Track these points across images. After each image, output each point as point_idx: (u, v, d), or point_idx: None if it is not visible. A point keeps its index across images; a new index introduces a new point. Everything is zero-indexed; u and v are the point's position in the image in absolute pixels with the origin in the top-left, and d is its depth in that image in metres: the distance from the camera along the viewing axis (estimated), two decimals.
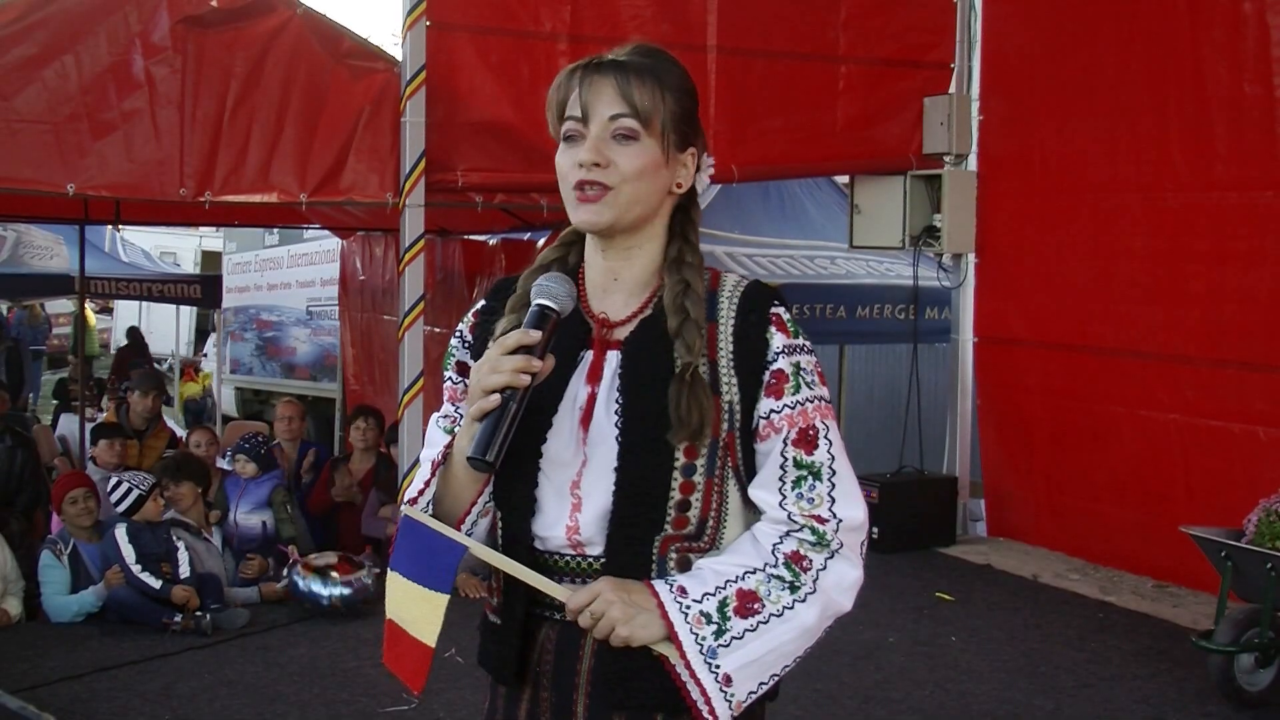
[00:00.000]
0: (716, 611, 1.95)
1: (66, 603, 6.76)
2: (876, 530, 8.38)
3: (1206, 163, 7.40)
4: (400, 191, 7.29)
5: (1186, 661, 6.01)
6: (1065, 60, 8.25)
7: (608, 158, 2.02)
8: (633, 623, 1.94)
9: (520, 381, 1.93)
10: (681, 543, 2.03)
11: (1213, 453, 7.35)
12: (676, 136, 2.07)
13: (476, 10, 7.58)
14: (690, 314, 2.02)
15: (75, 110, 6.81)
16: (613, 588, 1.95)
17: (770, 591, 1.97)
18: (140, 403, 9.55)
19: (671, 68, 2.09)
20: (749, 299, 2.08)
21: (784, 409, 2.02)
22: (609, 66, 2.04)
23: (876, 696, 5.72)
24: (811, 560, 1.99)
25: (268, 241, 16.32)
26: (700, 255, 2.12)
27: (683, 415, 1.97)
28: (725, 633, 1.95)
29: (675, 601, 1.95)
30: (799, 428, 2.02)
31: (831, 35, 8.57)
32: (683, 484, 2.00)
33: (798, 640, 2.00)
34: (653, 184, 2.05)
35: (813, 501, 2.01)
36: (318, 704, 5.57)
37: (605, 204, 2.03)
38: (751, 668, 1.97)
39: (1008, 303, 8.81)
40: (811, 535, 2.00)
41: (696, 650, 1.94)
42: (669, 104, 2.05)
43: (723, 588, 1.97)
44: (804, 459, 2.02)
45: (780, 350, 2.04)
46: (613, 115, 2.02)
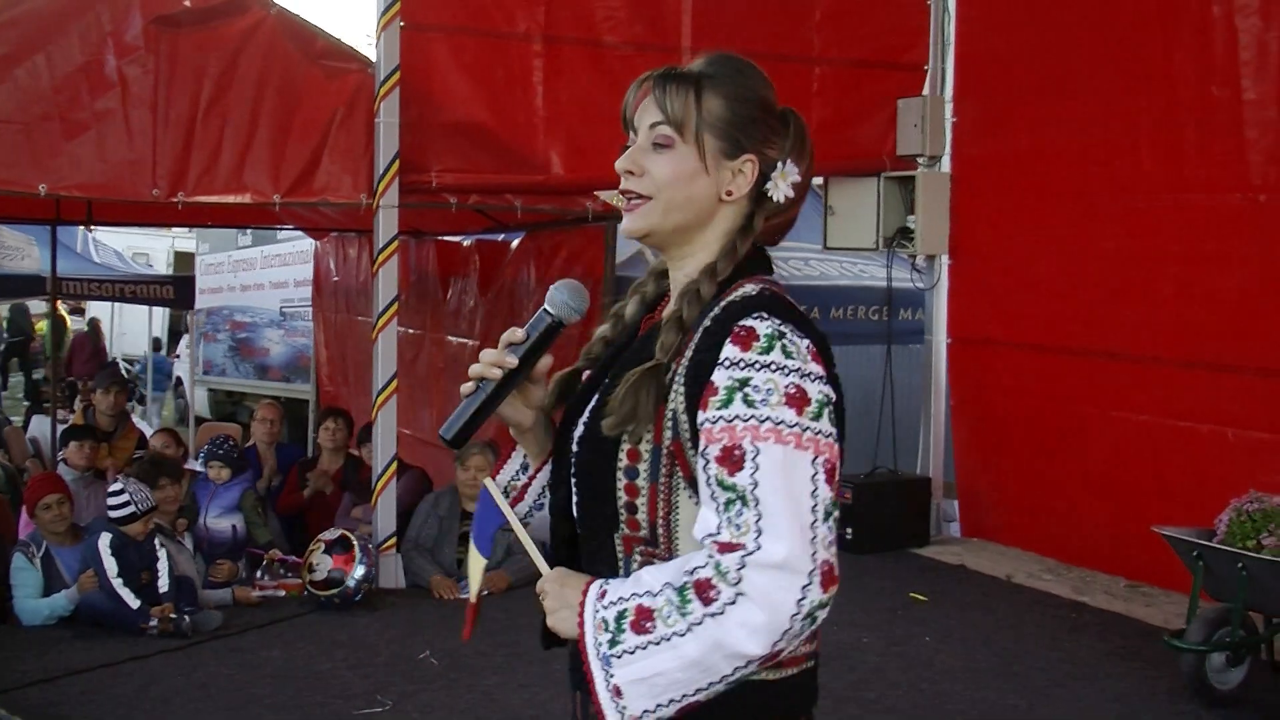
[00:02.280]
0: (614, 621, 1.91)
1: (38, 606, 6.71)
2: (850, 530, 8.41)
3: (1176, 165, 7.45)
4: (374, 192, 7.28)
5: (1158, 660, 6.03)
6: (1038, 63, 8.28)
7: (642, 166, 2.05)
8: (556, 614, 2.00)
9: (492, 374, 2.04)
10: (642, 546, 2.01)
11: (1183, 453, 7.39)
12: (722, 143, 2.05)
13: (450, 11, 7.58)
14: (682, 314, 2.01)
15: (47, 110, 6.78)
16: (555, 578, 2.03)
17: (668, 614, 1.86)
18: (104, 400, 9.48)
19: (729, 75, 2.08)
20: (728, 310, 1.98)
21: (705, 423, 1.90)
22: (659, 77, 2.07)
23: (851, 697, 5.73)
24: (719, 592, 1.83)
25: (241, 242, 16.26)
26: (733, 262, 2.06)
27: (615, 404, 1.96)
28: (618, 644, 1.89)
29: (593, 603, 1.94)
30: (722, 445, 1.87)
31: (806, 36, 8.59)
32: (626, 485, 1.99)
33: (685, 672, 1.86)
34: (689, 191, 2.05)
35: (739, 529, 1.84)
36: (292, 706, 5.55)
37: (641, 213, 2.06)
38: (641, 686, 1.88)
39: (981, 304, 8.84)
40: (715, 566, 1.84)
41: (594, 654, 1.91)
42: (711, 109, 2.04)
43: (627, 599, 1.91)
44: (726, 479, 1.86)
45: (723, 362, 1.91)
46: (652, 124, 2.05)
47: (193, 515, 7.61)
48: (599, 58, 7.88)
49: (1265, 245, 6.99)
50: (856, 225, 8.93)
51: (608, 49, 7.91)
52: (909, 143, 8.80)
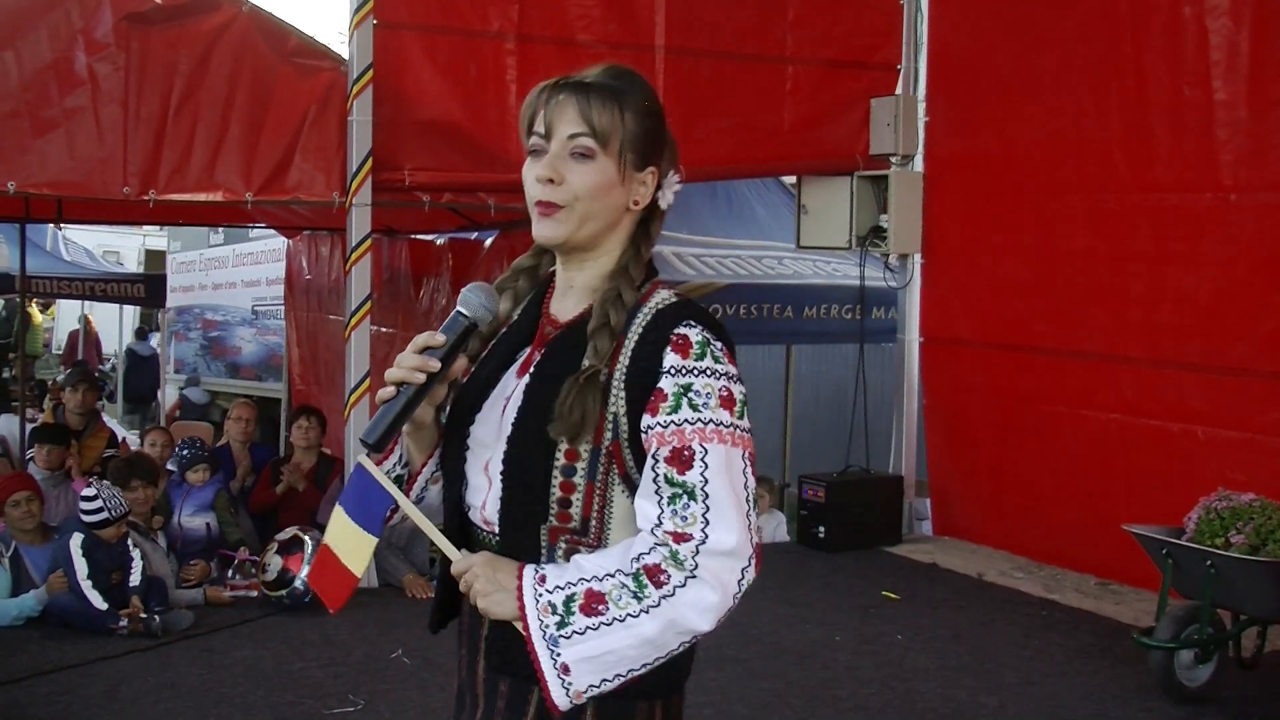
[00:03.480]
0: (562, 604, 2.03)
1: (6, 606, 6.65)
2: (823, 529, 8.43)
3: (1147, 165, 7.49)
4: (347, 190, 7.26)
5: (1128, 658, 6.07)
6: (1010, 62, 8.32)
7: (562, 175, 2.11)
8: (489, 598, 2.07)
9: (415, 379, 2.10)
10: (569, 535, 2.12)
11: (1152, 452, 7.44)
12: (635, 156, 2.16)
13: (424, 9, 7.56)
14: (609, 320, 2.11)
15: (15, 107, 6.74)
16: (484, 562, 2.10)
17: (620, 597, 2.02)
18: (72, 398, 9.43)
19: (636, 90, 2.17)
20: (658, 318, 2.13)
21: (656, 426, 2.06)
22: (574, 87, 2.13)
23: (823, 695, 5.75)
24: (669, 576, 2.01)
25: (212, 241, 16.20)
26: (643, 268, 2.20)
27: (563, 411, 2.06)
28: (567, 625, 2.03)
29: (533, 587, 2.05)
30: (672, 446, 2.04)
31: (779, 36, 8.60)
32: (562, 483, 2.10)
33: (638, 649, 2.03)
34: (606, 201, 2.14)
35: (686, 520, 2.03)
36: (263, 706, 5.53)
37: (559, 220, 2.12)
38: (590, 663, 2.03)
39: (953, 303, 8.87)
40: (668, 553, 2.02)
41: (540, 635, 2.04)
42: (628, 125, 2.13)
43: (574, 584, 2.04)
44: (675, 477, 2.04)
45: (668, 370, 2.07)
46: (571, 134, 2.11)
47: (166, 514, 7.58)
48: (572, 56, 7.86)
49: (1236, 245, 7.04)
50: (829, 224, 8.95)
51: (581, 47, 7.90)
52: (882, 142, 8.82)
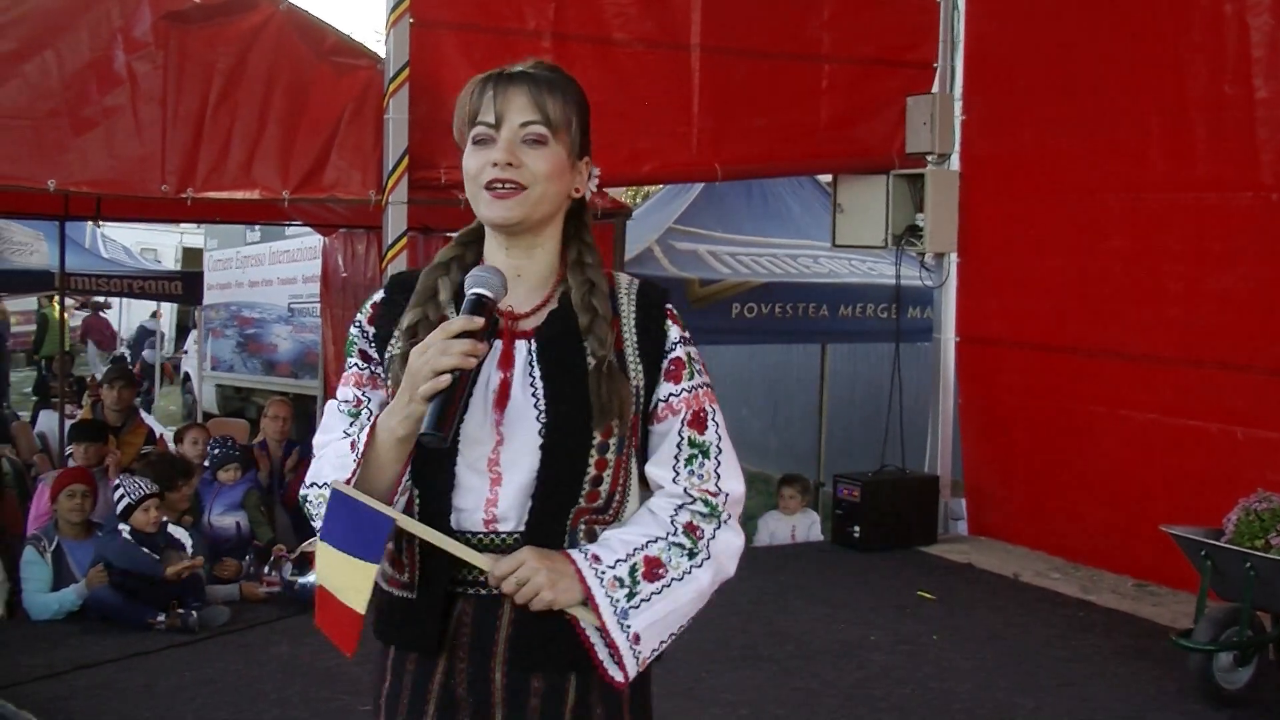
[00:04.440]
0: (628, 575, 2.13)
1: (47, 601, 6.72)
2: (858, 529, 8.40)
3: (1186, 163, 7.43)
4: (383, 189, 7.28)
5: (1166, 660, 6.03)
6: (1047, 60, 8.27)
7: (519, 159, 2.17)
8: (556, 587, 2.08)
9: (468, 364, 2.05)
10: (591, 515, 2.20)
11: (1191, 452, 7.38)
12: (577, 145, 2.26)
13: (460, 7, 7.57)
14: (599, 312, 2.21)
15: (56, 106, 6.78)
16: (535, 556, 2.10)
17: (672, 558, 2.16)
18: (109, 395, 9.49)
19: (572, 84, 2.28)
20: (645, 295, 2.29)
21: (682, 393, 2.24)
22: (521, 78, 2.20)
23: (858, 695, 5.73)
24: (704, 529, 2.20)
25: (249, 238, 16.25)
26: (598, 256, 2.31)
27: (605, 403, 2.16)
28: (636, 595, 2.12)
29: (591, 568, 2.12)
30: (693, 410, 2.24)
31: (815, 34, 8.59)
32: (597, 461, 2.19)
33: (694, 601, 2.19)
34: (559, 186, 2.23)
35: (702, 477, 2.22)
36: (298, 701, 5.55)
37: (517, 201, 2.18)
38: (656, 627, 2.14)
39: (989, 302, 8.83)
40: (705, 507, 2.21)
41: (612, 611, 2.11)
42: (571, 114, 2.23)
43: (632, 555, 2.14)
44: (697, 438, 2.23)
45: (677, 341, 2.27)
46: (524, 121, 2.18)
47: (197, 513, 7.62)
48: (608, 55, 7.87)
49: (1276, 244, 6.98)
50: (865, 223, 8.93)
51: (617, 46, 7.90)
52: (918, 140, 8.79)
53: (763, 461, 15.16)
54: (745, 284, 9.92)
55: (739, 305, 9.78)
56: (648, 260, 9.76)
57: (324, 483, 2.21)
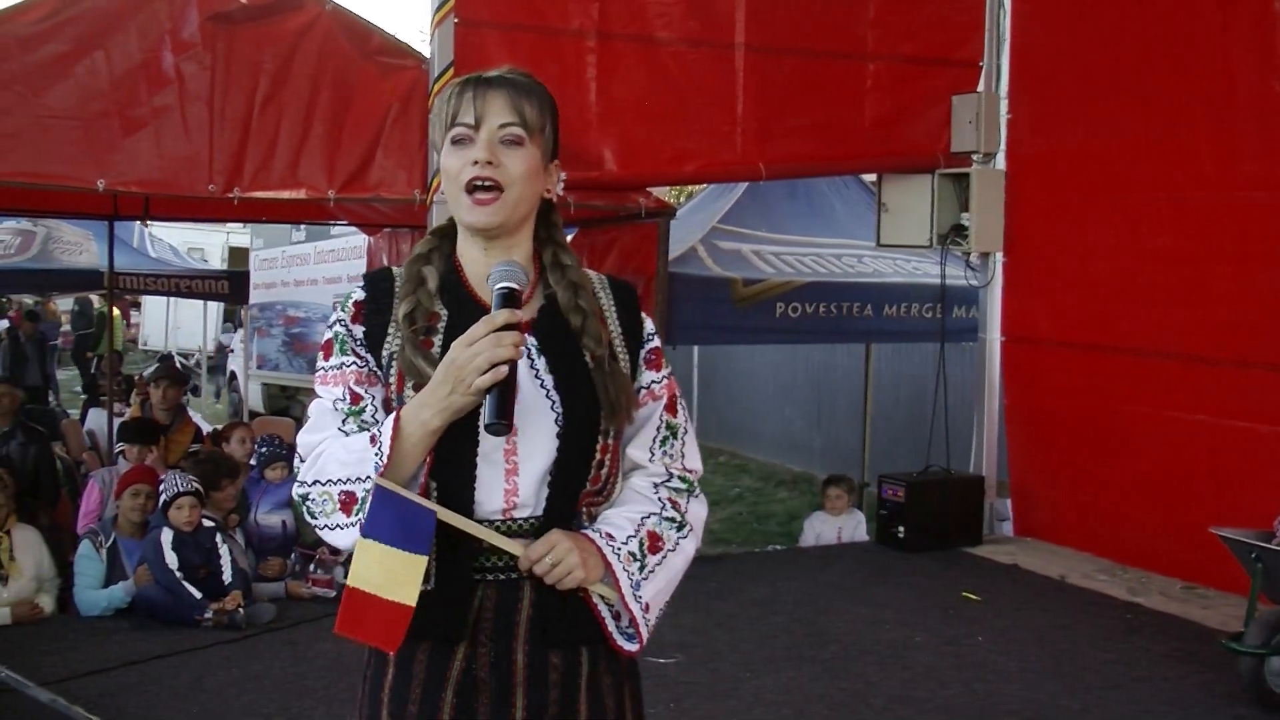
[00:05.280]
0: (639, 549, 2.30)
1: (96, 597, 6.79)
2: (902, 529, 8.37)
3: (1234, 161, 7.37)
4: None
5: (1216, 664, 5.98)
6: (1094, 58, 8.22)
7: (499, 159, 2.25)
8: (586, 565, 2.22)
9: (519, 355, 2.15)
10: (591, 498, 2.33)
11: (1239, 454, 7.31)
12: (549, 147, 2.35)
13: (505, 7, 7.59)
14: (588, 311, 2.32)
15: (105, 106, 6.85)
16: (566, 537, 2.22)
17: (665, 531, 2.35)
18: (156, 394, 9.57)
19: (545, 90, 2.36)
20: (620, 291, 2.44)
21: (663, 379, 2.42)
22: (500, 82, 2.29)
23: (903, 696, 5.71)
24: (682, 503, 2.40)
25: (295, 238, 16.36)
26: (574, 255, 2.41)
27: (613, 399, 2.29)
28: (645, 568, 2.30)
29: (608, 545, 2.27)
30: (670, 395, 2.42)
31: (859, 33, 8.55)
32: (601, 446, 2.31)
33: (683, 568, 2.38)
34: (534, 186, 2.32)
35: (672, 456, 2.42)
36: (344, 699, 5.57)
37: (498, 206, 2.26)
38: (659, 596, 2.34)
39: (1035, 302, 8.78)
40: (682, 483, 2.42)
41: (629, 585, 2.27)
42: (545, 118, 2.32)
43: (636, 532, 2.31)
44: (672, 421, 2.42)
45: (651, 332, 2.44)
46: (503, 123, 2.26)
47: (244, 511, 7.67)
48: (653, 54, 7.87)
49: None
50: (910, 222, 8.89)
51: (661, 45, 7.90)
52: (963, 139, 8.75)
53: (807, 462, 15.13)
54: (789, 284, 9.89)
55: (783, 305, 9.76)
56: (691, 260, 9.74)
57: (329, 480, 2.22)
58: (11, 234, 14.31)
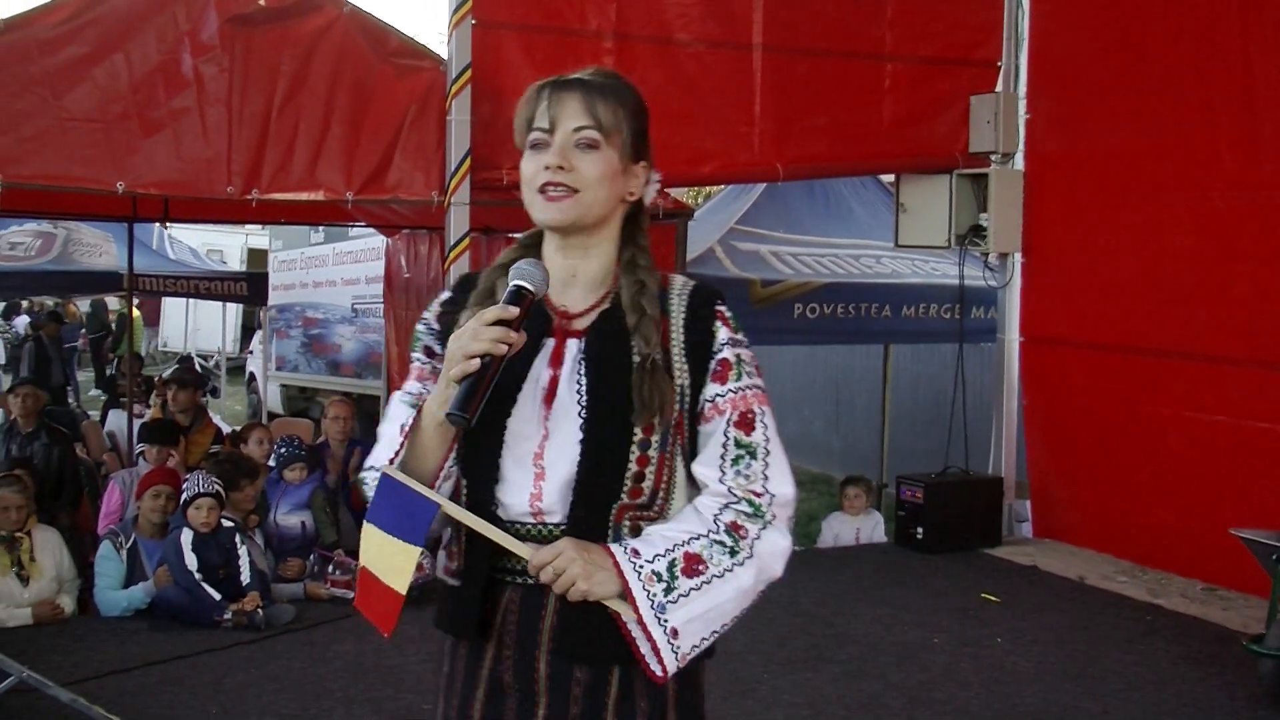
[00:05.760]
0: (666, 571, 2.15)
1: (116, 598, 6.82)
2: (921, 530, 8.36)
3: (1255, 161, 7.33)
4: (445, 189, 7.32)
5: (1237, 666, 5.96)
6: (1114, 58, 8.19)
7: (572, 163, 2.23)
8: (591, 579, 2.12)
9: (499, 350, 2.11)
10: (635, 511, 2.23)
11: (1260, 455, 7.28)
12: (631, 150, 2.30)
13: (522, 8, 7.59)
14: (647, 311, 2.25)
15: (125, 109, 6.87)
16: (574, 547, 2.14)
17: (713, 555, 2.18)
18: (174, 398, 9.61)
19: (629, 89, 2.33)
20: (697, 297, 2.32)
21: (728, 393, 2.25)
22: (575, 84, 2.27)
23: (921, 697, 5.70)
24: (748, 529, 2.21)
25: (313, 239, 16.41)
26: (651, 259, 2.35)
27: (645, 399, 2.19)
28: (673, 590, 2.15)
29: (629, 561, 2.15)
30: (740, 411, 2.24)
31: (877, 33, 8.53)
32: (639, 457, 2.21)
33: (735, 600, 2.21)
34: (610, 189, 2.28)
35: (749, 478, 2.23)
36: (363, 700, 5.60)
37: (570, 204, 2.24)
38: (696, 623, 2.17)
39: (1054, 303, 8.75)
40: (749, 507, 2.22)
41: (648, 605, 2.14)
42: (625, 119, 2.28)
43: (671, 550, 2.17)
44: (743, 439, 2.24)
45: (725, 342, 2.28)
46: (577, 126, 2.24)
47: (263, 512, 7.69)
48: (671, 55, 7.87)
49: None
50: (928, 223, 8.87)
51: (679, 46, 7.90)
52: (982, 140, 8.72)
53: (825, 462, 15.10)
54: (807, 284, 9.89)
55: (801, 306, 9.76)
56: (709, 260, 9.74)
57: (369, 466, 2.31)
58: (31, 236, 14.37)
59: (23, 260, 14.27)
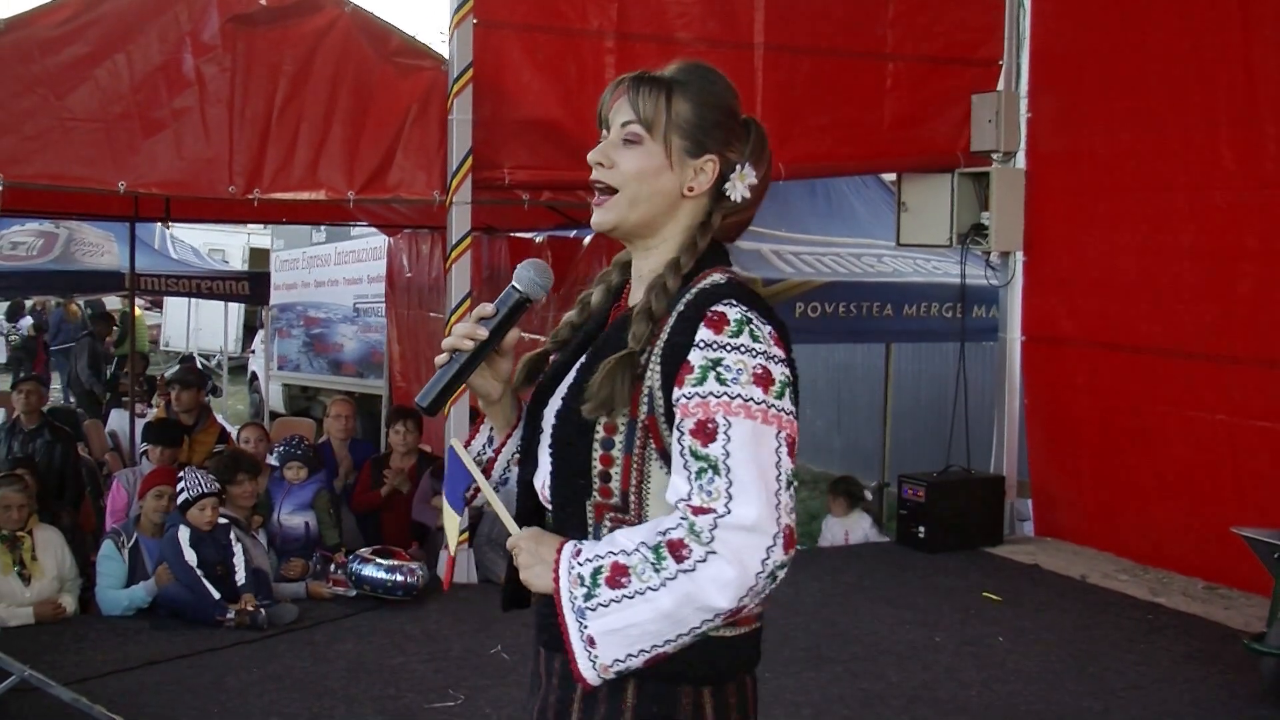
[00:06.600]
0: (590, 576, 2.06)
1: (118, 597, 6.82)
2: (923, 529, 8.35)
3: (1256, 160, 7.33)
4: (447, 189, 7.32)
5: (1238, 664, 5.95)
6: (1115, 57, 8.18)
7: (612, 159, 2.23)
8: (530, 570, 2.16)
9: (463, 345, 2.21)
10: (612, 513, 2.16)
11: (1262, 453, 7.28)
12: (687, 143, 2.22)
13: (524, 8, 7.60)
14: (650, 306, 2.17)
15: (126, 109, 6.88)
16: (529, 536, 2.18)
17: (643, 570, 2.02)
18: (178, 398, 9.62)
19: (698, 81, 2.25)
20: (701, 295, 2.16)
21: (681, 398, 2.07)
22: (635, 79, 2.25)
23: (923, 696, 5.70)
24: (691, 551, 2.00)
25: (315, 239, 16.40)
26: (694, 257, 2.22)
27: (593, 389, 2.12)
28: (593, 598, 2.05)
29: (567, 560, 2.10)
30: (696, 419, 2.04)
31: (879, 32, 8.54)
32: (602, 456, 2.15)
33: (657, 623, 2.02)
34: (654, 185, 2.22)
35: (710, 494, 2.01)
36: (365, 699, 5.60)
37: (609, 206, 2.23)
38: (614, 636, 2.04)
39: (1056, 301, 8.75)
40: (689, 526, 2.01)
41: (569, 607, 2.07)
42: (679, 111, 2.21)
43: (604, 556, 2.07)
44: (699, 450, 2.03)
45: (698, 344, 2.08)
46: (624, 123, 2.23)
47: (266, 511, 7.69)
48: (672, 54, 7.75)
49: None
50: (930, 221, 8.87)
51: (680, 45, 7.90)
52: (983, 138, 8.72)
53: (827, 462, 15.10)
54: (809, 283, 9.88)
55: (802, 305, 9.74)
56: None
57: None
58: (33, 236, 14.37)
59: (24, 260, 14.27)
